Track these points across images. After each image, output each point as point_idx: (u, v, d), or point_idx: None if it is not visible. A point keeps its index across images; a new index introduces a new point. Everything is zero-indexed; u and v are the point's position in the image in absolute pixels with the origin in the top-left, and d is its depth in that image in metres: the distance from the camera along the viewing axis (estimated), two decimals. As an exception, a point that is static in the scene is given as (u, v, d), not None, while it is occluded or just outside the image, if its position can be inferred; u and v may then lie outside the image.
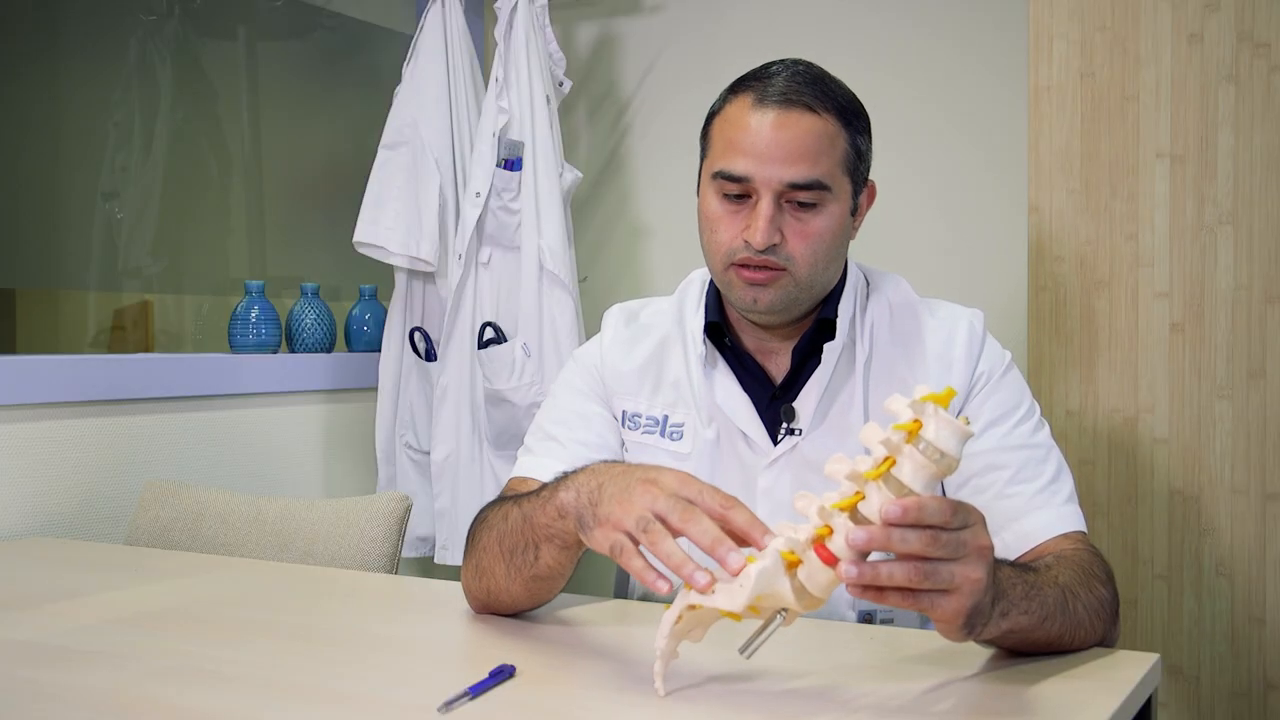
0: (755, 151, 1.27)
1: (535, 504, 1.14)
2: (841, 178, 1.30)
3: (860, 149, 1.33)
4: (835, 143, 1.29)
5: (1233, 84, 1.94)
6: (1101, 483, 2.04)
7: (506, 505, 1.21)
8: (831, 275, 1.34)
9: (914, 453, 0.90)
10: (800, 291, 1.31)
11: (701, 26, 2.75)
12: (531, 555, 1.15)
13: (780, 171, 1.27)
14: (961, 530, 0.93)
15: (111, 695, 1.03)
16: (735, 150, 1.29)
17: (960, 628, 0.96)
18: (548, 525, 1.11)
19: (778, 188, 1.27)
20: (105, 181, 2.46)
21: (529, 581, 1.19)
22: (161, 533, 1.90)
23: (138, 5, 2.49)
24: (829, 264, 1.32)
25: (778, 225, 1.28)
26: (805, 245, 1.29)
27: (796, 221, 1.29)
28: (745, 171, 1.28)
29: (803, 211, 1.29)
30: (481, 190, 2.43)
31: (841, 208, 1.31)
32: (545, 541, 1.13)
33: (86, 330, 2.54)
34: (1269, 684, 1.92)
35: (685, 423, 1.38)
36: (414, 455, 2.58)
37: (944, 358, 1.34)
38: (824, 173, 1.28)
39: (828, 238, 1.30)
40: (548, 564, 1.15)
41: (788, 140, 1.27)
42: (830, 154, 1.28)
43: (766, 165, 1.27)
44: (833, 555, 0.91)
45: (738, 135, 1.29)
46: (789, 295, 1.31)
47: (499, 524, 1.20)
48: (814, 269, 1.30)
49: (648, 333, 1.45)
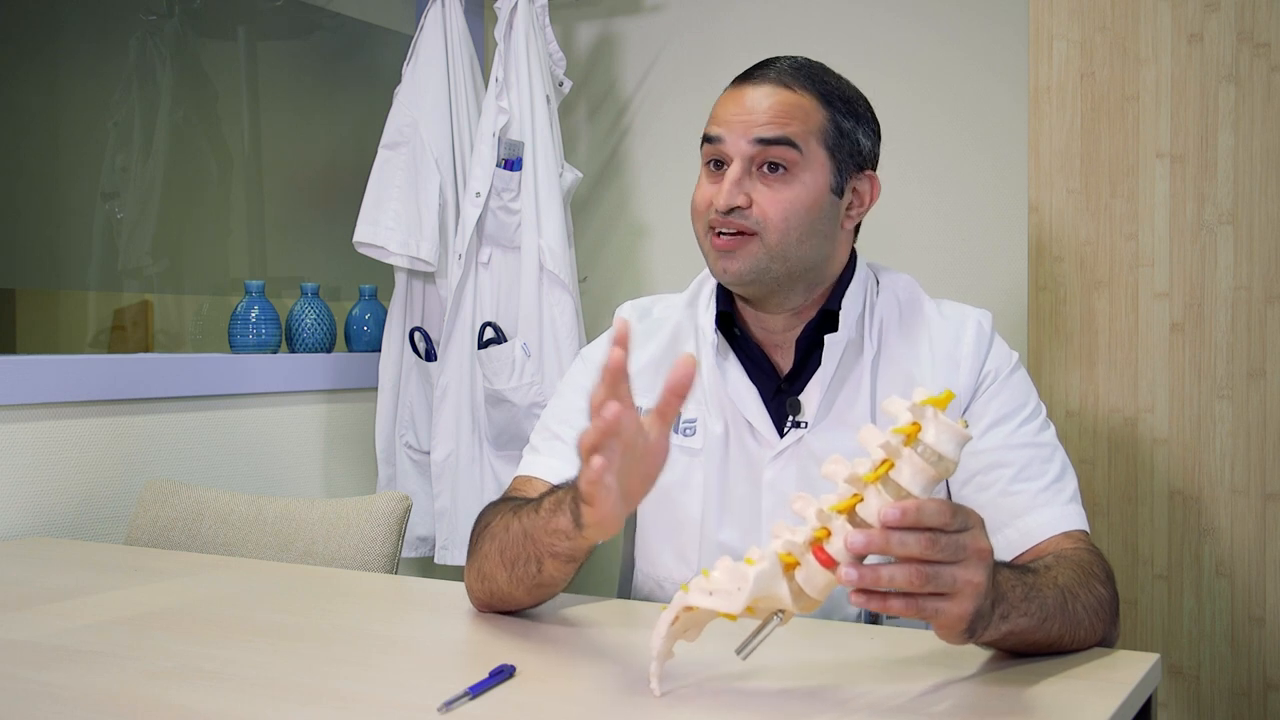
0: (728, 116, 1.34)
1: (535, 521, 1.15)
2: (816, 147, 1.33)
3: (843, 129, 1.35)
4: (810, 114, 1.33)
5: (1233, 84, 1.93)
6: (1101, 483, 2.04)
7: (506, 516, 1.22)
8: (811, 251, 1.34)
9: (913, 456, 0.90)
10: (771, 260, 1.32)
11: (701, 26, 2.75)
12: (534, 568, 1.17)
13: (747, 131, 1.32)
14: (961, 533, 0.92)
15: (111, 695, 1.03)
16: (712, 119, 1.36)
17: (961, 632, 0.96)
18: (550, 544, 1.13)
19: (746, 149, 1.31)
20: (105, 181, 2.46)
21: (532, 589, 1.21)
22: (161, 533, 1.90)
23: (138, 5, 2.49)
24: (804, 237, 1.32)
25: (744, 189, 1.32)
26: (775, 209, 1.31)
27: (767, 188, 1.32)
28: (717, 132, 1.34)
29: (773, 178, 1.32)
30: (481, 190, 2.43)
31: (817, 180, 1.33)
32: (549, 557, 1.15)
33: (86, 330, 2.54)
34: (1269, 684, 1.92)
35: (697, 419, 1.39)
36: (414, 455, 2.58)
37: (952, 356, 1.35)
38: (793, 132, 1.31)
39: (800, 207, 1.31)
40: (551, 574, 1.17)
41: (757, 103, 1.33)
42: (802, 121, 1.32)
43: (735, 127, 1.33)
44: (831, 558, 0.91)
45: (717, 109, 1.37)
46: (759, 263, 1.32)
47: (500, 534, 1.21)
48: (785, 236, 1.31)
49: (660, 328, 1.45)
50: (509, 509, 1.23)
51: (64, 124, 2.43)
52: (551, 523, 1.11)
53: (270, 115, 2.75)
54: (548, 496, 1.15)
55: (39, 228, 2.39)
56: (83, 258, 2.47)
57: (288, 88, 2.85)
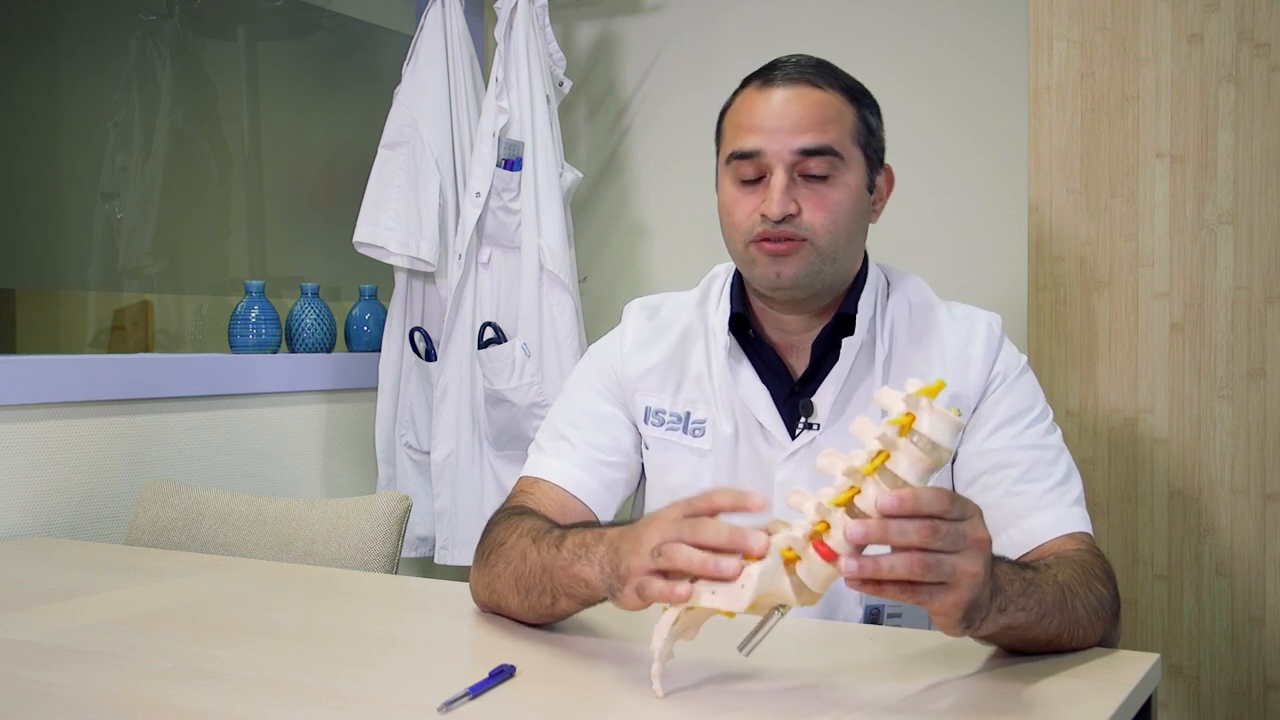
0: (764, 127, 1.30)
1: (556, 561, 1.13)
2: (853, 148, 1.32)
3: (870, 125, 1.35)
4: (843, 114, 1.32)
5: (1233, 84, 1.93)
6: (1101, 483, 2.04)
7: (524, 542, 1.20)
8: (854, 251, 1.35)
9: (908, 445, 0.91)
10: (823, 263, 1.31)
11: (701, 26, 2.75)
12: (548, 600, 1.16)
13: (790, 140, 1.29)
14: (960, 522, 0.93)
15: (111, 695, 1.03)
16: (745, 130, 1.32)
17: (958, 621, 0.96)
18: (569, 586, 1.12)
19: (789, 158, 1.29)
20: (105, 181, 2.46)
21: (542, 616, 1.21)
22: (161, 533, 1.90)
23: (138, 5, 2.49)
24: (850, 236, 1.32)
25: (793, 196, 1.29)
26: (824, 215, 1.30)
27: (812, 193, 1.30)
28: (756, 146, 1.30)
29: (817, 183, 1.30)
30: (481, 190, 2.43)
31: (856, 179, 1.32)
32: (565, 597, 1.14)
33: (86, 330, 2.54)
34: (1269, 684, 1.92)
35: (707, 419, 1.39)
36: (414, 455, 2.58)
37: (962, 357, 1.35)
38: (833, 139, 1.30)
39: (846, 207, 1.31)
40: (564, 609, 1.17)
41: (795, 111, 1.30)
42: (839, 123, 1.31)
43: (776, 137, 1.29)
44: (831, 550, 0.92)
45: (747, 117, 1.32)
46: (812, 267, 1.31)
47: (516, 561, 1.19)
48: (834, 239, 1.31)
49: (669, 327, 1.45)
50: (526, 532, 1.21)
51: (64, 124, 2.43)
52: (574, 569, 1.10)
53: (270, 115, 2.75)
54: (571, 536, 1.13)
55: (39, 228, 2.39)
56: (83, 258, 2.47)
57: (288, 88, 2.85)
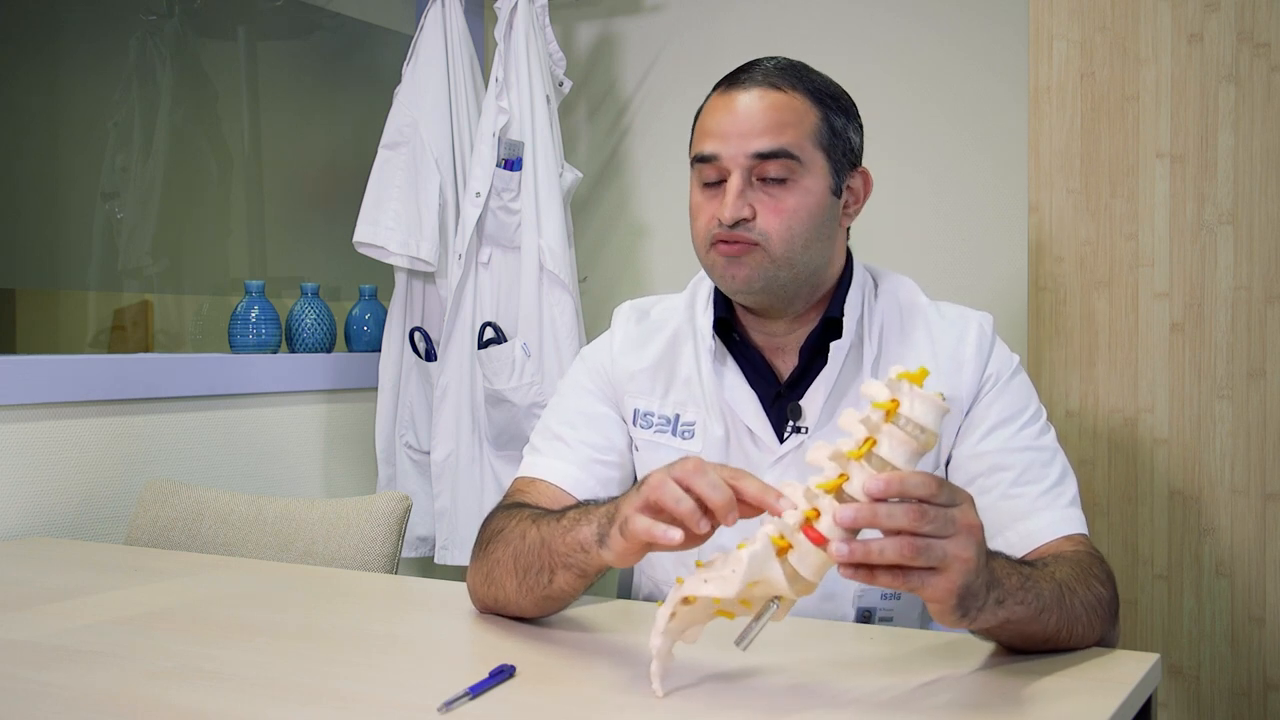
0: (721, 130, 1.31)
1: (555, 531, 1.14)
2: (814, 151, 1.31)
3: (835, 127, 1.33)
4: (803, 117, 1.30)
5: (1233, 84, 1.94)
6: (1101, 483, 2.04)
7: (524, 523, 1.21)
8: (815, 256, 1.33)
9: (894, 430, 0.91)
10: (777, 268, 1.30)
11: (701, 26, 2.75)
12: (546, 578, 1.17)
13: (744, 144, 1.29)
14: (950, 507, 0.93)
15: (111, 695, 1.03)
16: (706, 134, 1.32)
17: (953, 609, 0.96)
18: (567, 555, 1.13)
19: (745, 162, 1.29)
20: (105, 181, 2.46)
21: (540, 600, 1.20)
22: (161, 533, 1.90)
23: (138, 5, 2.49)
24: (809, 243, 1.31)
25: (747, 200, 1.29)
26: (779, 221, 1.29)
27: (769, 198, 1.29)
28: (714, 150, 1.31)
29: (774, 187, 1.29)
30: (481, 190, 2.43)
31: (817, 184, 1.31)
32: (562, 568, 1.14)
33: (86, 330, 2.54)
34: (1269, 684, 1.92)
35: (696, 421, 1.39)
36: (414, 455, 2.58)
37: (953, 358, 1.35)
38: (789, 142, 1.29)
39: (803, 214, 1.30)
40: (561, 587, 1.17)
41: (751, 113, 1.30)
42: (797, 126, 1.30)
43: (731, 140, 1.29)
44: (822, 536, 0.92)
45: (710, 120, 1.33)
46: (765, 271, 1.30)
47: (515, 541, 1.20)
48: (789, 246, 1.30)
49: (659, 330, 1.45)
50: (527, 517, 1.22)
51: (64, 124, 2.43)
52: (572, 534, 1.11)
53: (270, 115, 2.75)
54: (572, 509, 1.15)
55: (39, 228, 2.39)
56: (83, 258, 2.47)
57: (288, 88, 2.85)
